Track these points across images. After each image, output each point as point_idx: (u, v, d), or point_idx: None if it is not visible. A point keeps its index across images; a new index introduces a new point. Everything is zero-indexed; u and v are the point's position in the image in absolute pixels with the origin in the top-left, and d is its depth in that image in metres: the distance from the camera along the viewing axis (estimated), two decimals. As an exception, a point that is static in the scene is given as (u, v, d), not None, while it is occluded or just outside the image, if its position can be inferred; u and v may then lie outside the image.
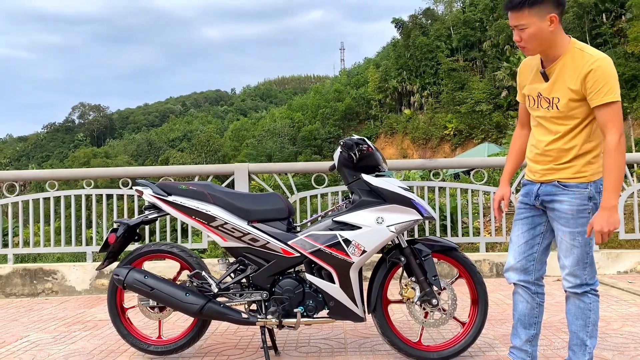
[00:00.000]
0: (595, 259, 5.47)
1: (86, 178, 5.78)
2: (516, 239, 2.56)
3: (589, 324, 2.40)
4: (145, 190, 3.12)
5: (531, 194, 2.49)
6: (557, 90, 2.31)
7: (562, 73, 2.29)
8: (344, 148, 2.85)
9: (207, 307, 2.94)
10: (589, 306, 2.40)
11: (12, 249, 5.71)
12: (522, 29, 2.26)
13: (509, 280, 2.59)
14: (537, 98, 2.40)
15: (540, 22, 2.23)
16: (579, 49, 2.27)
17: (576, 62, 2.25)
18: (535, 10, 2.22)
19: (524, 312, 2.56)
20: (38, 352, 3.41)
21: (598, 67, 2.19)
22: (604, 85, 2.18)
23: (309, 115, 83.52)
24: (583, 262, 2.36)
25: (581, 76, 2.22)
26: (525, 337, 2.56)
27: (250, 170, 5.65)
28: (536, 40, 2.26)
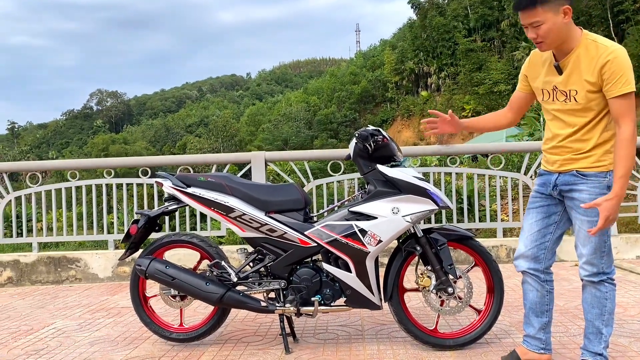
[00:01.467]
0: (614, 244, 5.50)
1: (106, 167, 5.88)
2: (529, 226, 2.57)
3: (605, 313, 2.41)
4: (165, 182, 3.18)
5: (548, 184, 2.49)
6: (574, 83, 2.30)
7: (578, 65, 2.28)
8: (359, 139, 2.87)
9: (227, 295, 3.01)
10: (605, 295, 2.41)
11: (36, 237, 5.86)
12: (537, 25, 2.25)
13: (518, 268, 2.61)
14: (553, 91, 2.39)
15: (555, 16, 2.22)
16: (592, 40, 2.27)
17: (591, 53, 2.24)
18: (549, 5, 2.21)
19: (535, 300, 2.59)
20: (65, 339, 3.53)
21: (615, 57, 2.19)
22: (621, 76, 2.18)
23: (324, 99, 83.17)
24: (600, 251, 2.37)
25: (597, 68, 2.22)
26: (539, 325, 2.59)
27: (266, 159, 5.70)
28: (553, 35, 2.25)
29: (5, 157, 67.81)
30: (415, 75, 71.29)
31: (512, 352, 2.63)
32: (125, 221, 5.91)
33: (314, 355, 2.97)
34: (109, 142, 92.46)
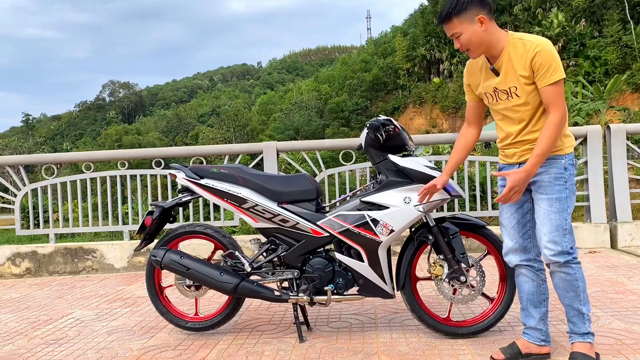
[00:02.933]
0: (629, 230, 5.46)
1: (120, 159, 5.94)
2: (507, 221, 2.62)
3: (580, 293, 2.44)
4: (178, 173, 3.21)
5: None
6: (511, 80, 2.41)
7: (510, 64, 2.40)
8: (371, 129, 2.87)
9: (241, 285, 3.05)
10: (575, 276, 2.43)
11: (53, 228, 5.95)
12: (457, 36, 2.41)
13: (510, 263, 2.65)
14: (494, 93, 2.50)
15: (472, 26, 2.37)
16: (518, 39, 2.40)
17: (519, 50, 2.37)
18: (463, 17, 2.36)
19: (532, 290, 2.61)
20: (83, 329, 3.60)
21: (541, 50, 2.32)
22: (549, 66, 2.31)
23: (336, 87, 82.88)
24: (562, 229, 2.40)
25: (528, 62, 2.34)
26: (538, 316, 2.61)
27: (278, 149, 5.72)
28: (474, 43, 2.40)
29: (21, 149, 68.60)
30: (427, 61, 70.68)
31: (513, 345, 2.63)
32: (139, 212, 5.98)
33: (327, 343, 3.01)
34: (122, 133, 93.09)
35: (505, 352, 2.60)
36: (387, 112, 71.60)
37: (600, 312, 3.31)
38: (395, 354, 2.77)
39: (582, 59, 48.05)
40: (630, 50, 43.28)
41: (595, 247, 5.46)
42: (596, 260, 4.91)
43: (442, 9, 2.42)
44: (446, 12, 2.39)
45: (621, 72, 43.10)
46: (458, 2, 2.36)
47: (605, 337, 2.85)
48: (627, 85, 42.45)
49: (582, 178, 5.72)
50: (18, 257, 5.76)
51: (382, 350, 2.83)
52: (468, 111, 2.74)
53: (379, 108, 73.60)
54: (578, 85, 38.86)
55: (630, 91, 43.38)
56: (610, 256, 5.07)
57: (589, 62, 47.27)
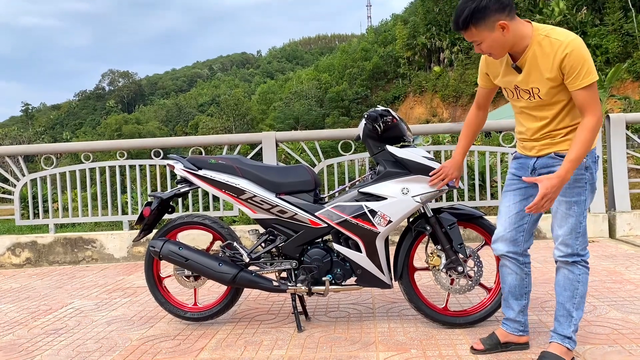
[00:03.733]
0: (627, 220, 5.47)
1: (119, 149, 5.94)
2: (506, 209, 2.57)
3: (577, 296, 2.40)
4: (176, 164, 3.21)
5: (526, 167, 2.50)
6: (534, 81, 2.28)
7: (535, 63, 2.25)
8: (369, 120, 2.87)
9: (239, 276, 3.06)
10: (578, 277, 2.39)
11: (52, 219, 5.96)
12: (478, 44, 2.26)
13: (496, 251, 2.60)
14: (515, 90, 2.39)
15: (492, 33, 2.20)
16: (544, 36, 2.22)
17: (546, 50, 2.21)
18: (482, 26, 2.19)
19: (514, 283, 2.60)
20: (83, 319, 3.61)
21: (572, 51, 2.15)
22: (581, 68, 2.15)
23: (336, 76, 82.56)
24: (576, 232, 2.35)
25: (556, 63, 2.18)
26: (518, 308, 2.61)
27: (277, 139, 5.72)
28: (497, 48, 2.25)
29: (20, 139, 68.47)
30: (427, 50, 70.32)
31: (492, 335, 2.63)
32: (139, 202, 5.98)
33: (325, 333, 3.02)
34: (122, 122, 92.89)
35: (485, 342, 2.61)
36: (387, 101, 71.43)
37: (598, 301, 3.33)
38: (392, 344, 2.79)
39: (583, 47, 47.77)
40: (631, 38, 43.06)
41: (593, 237, 5.47)
42: (594, 249, 4.92)
43: (457, 13, 2.22)
44: (462, 20, 2.20)
45: (622, 60, 42.87)
46: (475, 10, 2.15)
47: (601, 327, 2.86)
48: (628, 73, 42.25)
49: (581, 168, 5.71)
50: (18, 247, 5.77)
51: (380, 340, 2.85)
52: (479, 95, 2.67)
53: (379, 97, 73.37)
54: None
55: (631, 80, 43.20)
56: (608, 246, 5.08)
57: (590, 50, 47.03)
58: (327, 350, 2.75)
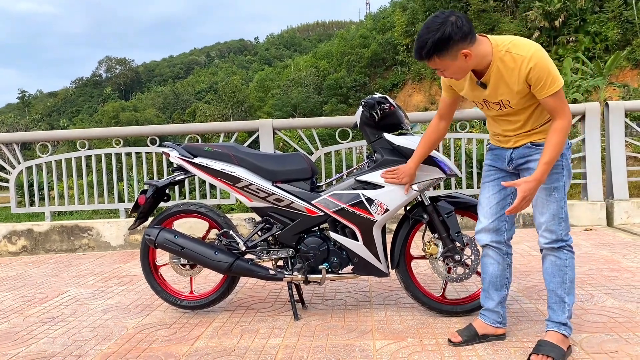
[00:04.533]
0: (625, 208, 5.46)
1: (115, 137, 5.90)
2: (486, 201, 2.58)
3: (566, 281, 2.40)
4: (171, 152, 3.18)
5: (503, 158, 2.51)
6: (503, 94, 2.29)
7: (500, 78, 2.25)
8: (366, 107, 2.84)
9: (235, 264, 3.04)
10: (565, 262, 2.40)
11: (48, 207, 5.93)
12: (442, 71, 2.25)
13: (480, 242, 2.61)
14: (485, 103, 2.41)
15: (455, 62, 2.19)
16: (505, 52, 2.21)
17: (509, 65, 2.21)
18: (445, 56, 2.16)
19: (496, 273, 2.59)
20: (78, 307, 3.60)
21: (535, 64, 2.16)
22: (547, 78, 2.17)
23: (334, 63, 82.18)
24: (558, 217, 2.37)
25: (522, 77, 2.20)
26: (498, 299, 2.60)
27: (274, 126, 5.68)
28: (460, 73, 2.26)
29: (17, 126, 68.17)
30: (426, 37, 69.88)
31: (469, 326, 2.62)
32: (135, 189, 5.96)
33: (322, 321, 3.01)
34: (119, 109, 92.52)
35: (462, 333, 2.60)
36: (385, 89, 71.17)
37: (595, 290, 3.32)
38: (389, 332, 2.78)
39: (583, 34, 47.59)
40: (631, 25, 42.88)
41: (591, 225, 5.47)
42: (592, 238, 4.92)
43: (420, 44, 2.17)
44: (426, 52, 2.16)
45: (621, 48, 42.74)
46: (438, 41, 2.12)
47: (598, 315, 2.86)
48: (627, 61, 42.15)
49: (579, 155, 5.70)
50: (14, 235, 5.75)
51: (377, 329, 2.84)
52: (443, 106, 2.65)
53: (377, 84, 73.09)
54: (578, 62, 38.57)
55: (630, 67, 43.10)
56: (606, 234, 5.08)
57: (589, 37, 46.84)
58: (324, 339, 2.74)
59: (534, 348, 2.39)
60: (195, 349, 2.71)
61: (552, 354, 2.32)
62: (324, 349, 2.61)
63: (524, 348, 2.49)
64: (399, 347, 2.58)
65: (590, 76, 36.32)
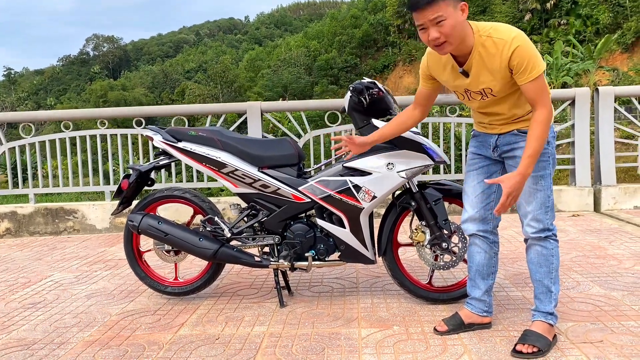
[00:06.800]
0: (612, 194, 5.47)
1: (100, 118, 5.79)
2: (472, 189, 2.55)
3: (552, 270, 2.39)
4: (155, 136, 3.11)
5: (487, 145, 2.47)
6: (485, 82, 2.25)
7: (482, 65, 2.21)
8: (354, 93, 2.78)
9: (220, 251, 3.00)
10: (551, 252, 2.38)
11: (32, 189, 5.84)
12: (440, 21, 2.10)
13: (467, 231, 2.59)
14: (466, 93, 2.36)
15: (455, 12, 2.11)
16: (487, 37, 2.18)
17: (491, 51, 2.17)
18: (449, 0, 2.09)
19: (482, 262, 2.58)
20: (61, 292, 3.55)
21: (517, 47, 2.12)
22: (528, 63, 2.13)
23: (325, 44, 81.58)
24: (545, 206, 2.34)
25: (504, 62, 2.16)
26: (485, 288, 2.59)
27: (262, 109, 5.60)
28: (456, 31, 2.13)
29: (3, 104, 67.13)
30: (417, 18, 69.44)
31: (455, 315, 2.61)
32: (121, 172, 5.87)
33: (308, 308, 2.99)
34: (107, 88, 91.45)
35: (449, 323, 2.58)
36: (376, 70, 70.84)
37: (581, 277, 3.32)
38: (375, 320, 2.76)
39: (574, 17, 47.51)
40: (622, 9, 42.83)
41: (578, 211, 5.48)
42: (579, 223, 4.93)
43: None
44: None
45: (612, 31, 42.73)
46: None
47: (584, 304, 2.86)
48: (618, 45, 42.19)
49: (568, 141, 5.69)
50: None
51: (363, 316, 2.82)
52: (420, 95, 2.57)
53: (368, 66, 72.72)
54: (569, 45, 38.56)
55: (620, 51, 43.16)
56: (593, 220, 5.09)
57: (580, 20, 46.77)
58: (309, 327, 2.72)
59: (520, 337, 2.38)
60: (178, 336, 2.68)
61: (538, 344, 2.31)
62: (309, 337, 2.59)
63: (509, 337, 2.48)
64: (384, 336, 2.56)
65: (580, 59, 36.36)
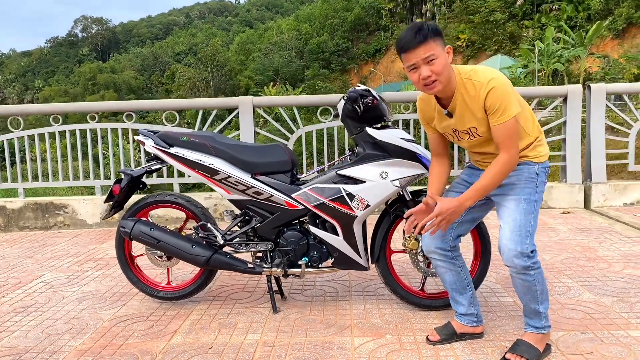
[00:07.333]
0: (602, 191, 5.50)
1: (90, 112, 5.72)
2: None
3: (538, 295, 2.35)
4: (146, 141, 3.07)
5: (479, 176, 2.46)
6: (469, 121, 2.30)
7: (465, 106, 2.27)
8: (348, 101, 2.76)
9: (213, 258, 2.99)
10: (534, 281, 2.32)
11: (21, 183, 5.78)
12: (432, 60, 2.17)
13: (425, 247, 2.59)
14: (454, 133, 2.40)
15: (444, 52, 2.20)
16: (467, 79, 2.24)
17: (471, 93, 2.23)
18: (438, 41, 2.19)
19: (452, 279, 2.59)
20: (53, 294, 3.53)
21: (491, 89, 2.19)
22: (499, 107, 2.19)
23: (316, 27, 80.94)
24: (525, 230, 2.27)
25: (481, 104, 2.23)
26: (466, 302, 2.60)
27: (254, 104, 5.56)
28: (446, 70, 2.20)
29: (-10, 86, 66.13)
30: (410, 2, 69.12)
31: (448, 325, 2.63)
32: (111, 166, 5.82)
33: (301, 314, 3.00)
34: (97, 71, 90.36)
35: (441, 332, 2.60)
36: (368, 54, 70.49)
37: (571, 281, 3.35)
38: (367, 328, 2.77)
39: (566, 2, 47.46)
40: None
41: (569, 207, 5.52)
42: (569, 221, 4.96)
43: (415, 29, 2.18)
44: (425, 32, 2.15)
45: (603, 17, 42.75)
46: (435, 27, 2.20)
47: (574, 311, 2.88)
48: (608, 31, 42.25)
49: (560, 138, 5.71)
50: (-14, 213, 5.60)
51: (355, 324, 2.84)
52: (433, 143, 2.56)
53: (360, 50, 72.34)
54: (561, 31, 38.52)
55: (611, 37, 43.25)
56: (583, 217, 5.13)
57: (572, 6, 46.74)
58: (302, 335, 2.73)
59: (511, 347, 2.41)
60: (171, 345, 2.68)
61: (527, 355, 2.34)
62: (302, 346, 2.60)
63: (501, 347, 2.51)
64: (377, 345, 2.57)
65: (572, 46, 36.37)
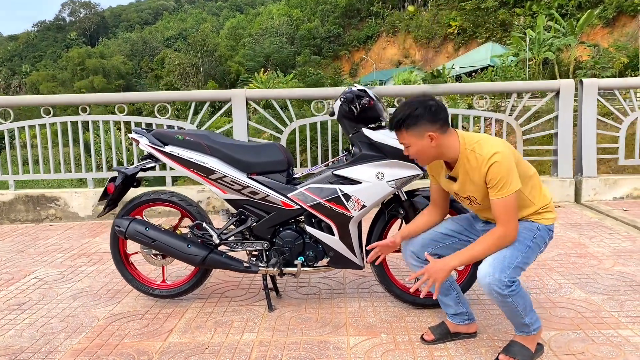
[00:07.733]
0: (593, 185, 5.55)
1: (81, 104, 5.66)
2: (439, 226, 2.62)
3: (521, 312, 2.33)
4: (141, 139, 3.06)
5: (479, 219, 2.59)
6: (469, 190, 2.35)
7: (467, 175, 2.32)
8: (345, 102, 2.75)
9: (209, 257, 2.99)
10: (513, 304, 2.28)
11: (12, 175, 5.72)
12: (407, 146, 2.32)
13: (403, 250, 2.64)
14: (457, 195, 2.46)
15: (420, 141, 2.27)
16: (470, 151, 2.28)
17: (472, 164, 2.29)
18: (412, 132, 2.26)
19: None
20: (47, 291, 3.53)
21: (492, 165, 2.22)
22: (497, 182, 2.22)
23: (307, 12, 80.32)
24: (509, 261, 2.26)
25: (482, 177, 2.27)
26: (453, 302, 2.63)
27: (247, 97, 5.54)
28: (423, 156, 2.32)
29: (-24, 71, 65.20)
30: (402, -12, 68.70)
31: (442, 324, 2.66)
32: (103, 158, 5.79)
33: (296, 313, 3.02)
34: (85, 56, 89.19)
35: (435, 331, 2.63)
36: (359, 41, 70.16)
37: (563, 279, 3.40)
38: (362, 327, 2.80)
39: (557, -10, 47.39)
40: (605, -17, 42.85)
41: (560, 202, 5.57)
42: (560, 216, 5.01)
43: (394, 115, 2.31)
44: (396, 122, 2.28)
45: (594, 5, 42.80)
46: (408, 116, 2.25)
47: (566, 310, 2.93)
48: (599, 19, 42.32)
49: (551, 132, 5.74)
50: (-23, 205, 5.56)
51: (350, 322, 2.86)
52: (434, 193, 2.60)
53: (351, 36, 71.96)
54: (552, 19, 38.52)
55: (601, 26, 43.32)
56: (574, 212, 5.18)
57: (563, -6, 46.68)
58: (298, 334, 2.75)
59: (504, 347, 2.44)
60: (168, 345, 2.69)
61: (519, 356, 2.38)
62: (298, 346, 2.62)
63: (494, 347, 2.55)
64: (372, 345, 2.60)
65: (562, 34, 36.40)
